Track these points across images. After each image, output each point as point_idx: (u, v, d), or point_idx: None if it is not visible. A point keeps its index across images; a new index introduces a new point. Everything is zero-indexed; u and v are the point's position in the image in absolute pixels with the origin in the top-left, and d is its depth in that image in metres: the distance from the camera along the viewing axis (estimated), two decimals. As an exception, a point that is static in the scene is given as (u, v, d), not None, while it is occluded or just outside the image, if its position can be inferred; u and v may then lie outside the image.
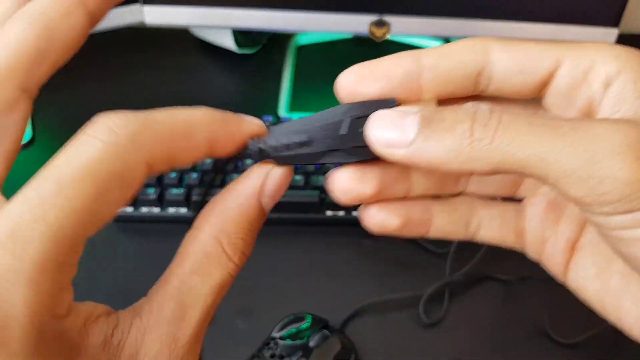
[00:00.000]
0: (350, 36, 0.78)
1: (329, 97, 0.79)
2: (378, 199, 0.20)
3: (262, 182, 0.19)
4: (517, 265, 0.52)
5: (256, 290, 0.49)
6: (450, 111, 0.17)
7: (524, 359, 0.46)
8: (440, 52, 0.19)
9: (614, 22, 0.62)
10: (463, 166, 0.17)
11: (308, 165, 0.55)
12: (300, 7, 0.60)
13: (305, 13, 0.61)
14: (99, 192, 0.15)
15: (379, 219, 0.21)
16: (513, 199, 0.22)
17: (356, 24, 0.61)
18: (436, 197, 0.22)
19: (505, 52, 0.19)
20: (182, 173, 0.54)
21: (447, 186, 0.22)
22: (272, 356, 0.41)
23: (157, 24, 0.62)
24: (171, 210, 0.53)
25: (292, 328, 0.44)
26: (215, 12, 0.61)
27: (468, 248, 0.52)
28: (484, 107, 0.17)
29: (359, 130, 0.18)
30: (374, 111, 0.18)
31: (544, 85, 0.19)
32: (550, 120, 0.16)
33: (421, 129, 0.17)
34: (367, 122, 0.18)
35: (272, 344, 0.42)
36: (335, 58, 0.76)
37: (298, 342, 0.42)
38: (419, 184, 0.21)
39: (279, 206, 0.57)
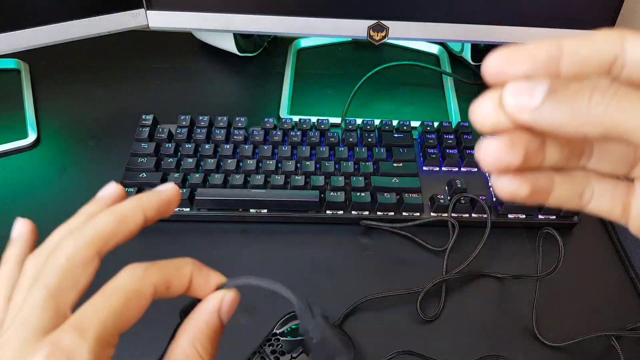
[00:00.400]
0: (349, 40, 0.79)
1: (328, 99, 0.80)
2: (518, 169, 0.22)
3: (219, 302, 0.26)
4: (512, 263, 0.53)
5: (257, 289, 0.50)
6: (575, 82, 0.19)
7: (518, 356, 0.47)
8: (580, 40, 0.21)
9: (609, 24, 0.62)
10: (579, 128, 0.19)
11: (308, 166, 0.56)
12: (301, 13, 0.61)
13: (305, 18, 0.62)
14: (126, 300, 0.23)
15: (512, 188, 0.22)
16: (627, 179, 0.24)
17: (355, 28, 0.62)
18: (558, 170, 0.24)
19: (638, 44, 0.20)
20: (185, 174, 0.55)
21: (572, 161, 0.24)
22: (273, 352, 0.42)
23: (160, 28, 0.63)
24: (175, 209, 0.54)
25: (292, 324, 0.44)
26: (217, 16, 0.62)
27: (465, 246, 0.53)
28: (605, 80, 0.19)
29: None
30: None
31: None
32: None
33: (548, 95, 0.19)
34: (505, 88, 0.20)
35: (273, 340, 0.43)
36: (335, 61, 0.77)
37: (298, 338, 0.43)
38: (550, 157, 0.23)
39: (280, 206, 0.57)
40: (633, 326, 0.48)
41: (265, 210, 0.54)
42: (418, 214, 0.54)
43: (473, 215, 0.55)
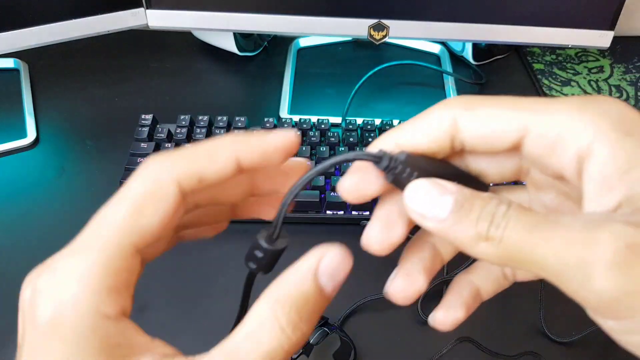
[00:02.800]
0: (350, 39, 0.79)
1: (329, 99, 0.80)
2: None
3: (317, 261, 0.20)
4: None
5: (257, 289, 0.50)
6: (479, 202, 0.18)
7: (520, 356, 0.47)
8: (412, 131, 0.21)
9: (610, 25, 0.62)
10: (479, 256, 0.19)
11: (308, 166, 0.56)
12: (301, 12, 0.61)
13: (305, 17, 0.61)
14: (134, 207, 0.19)
15: (448, 322, 0.26)
16: None
17: (356, 27, 0.62)
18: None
19: (472, 121, 0.20)
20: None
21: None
22: (273, 353, 0.42)
23: (160, 27, 0.63)
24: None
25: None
26: (217, 15, 0.62)
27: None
28: (502, 208, 0.18)
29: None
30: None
31: (516, 149, 0.20)
32: (549, 220, 0.17)
33: (452, 213, 0.18)
34: (405, 190, 0.20)
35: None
36: (336, 60, 0.76)
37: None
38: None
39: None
40: None
41: (265, 211, 0.54)
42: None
43: (474, 215, 0.54)
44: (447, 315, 0.24)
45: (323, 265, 0.20)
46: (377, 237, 0.22)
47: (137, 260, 0.19)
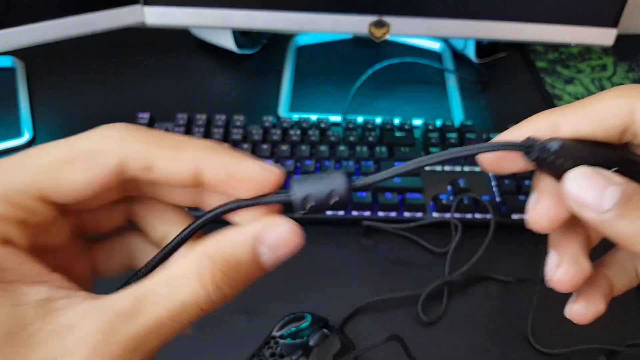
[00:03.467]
0: (350, 36, 0.78)
1: (329, 97, 0.79)
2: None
3: (260, 229, 0.19)
4: (516, 266, 0.52)
5: (257, 289, 0.49)
6: None
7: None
8: (579, 116, 0.19)
9: (613, 22, 0.62)
10: None
11: (308, 165, 0.56)
12: (300, 8, 0.61)
13: (305, 14, 0.61)
14: (61, 159, 0.18)
15: (589, 313, 0.23)
16: None
17: (356, 24, 0.62)
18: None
19: None
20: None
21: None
22: (273, 355, 0.41)
23: (157, 24, 0.63)
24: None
25: (292, 327, 0.44)
26: (215, 12, 0.61)
27: (467, 248, 0.52)
28: None
29: None
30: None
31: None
32: None
33: (619, 204, 0.18)
34: (566, 177, 0.19)
35: (272, 343, 0.42)
36: (336, 58, 0.76)
37: (298, 341, 0.42)
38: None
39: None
40: (633, 342, 0.46)
41: (264, 211, 0.53)
42: (420, 214, 0.53)
43: (476, 215, 0.54)
44: (588, 308, 0.23)
45: (267, 234, 0.19)
46: (544, 213, 0.21)
47: (42, 206, 0.18)
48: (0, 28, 0.56)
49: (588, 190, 0.18)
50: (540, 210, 0.20)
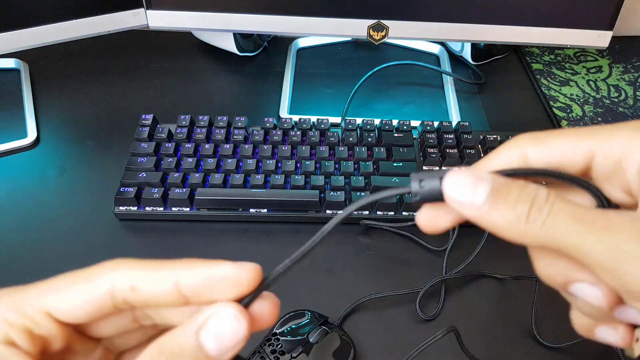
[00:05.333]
0: (349, 39, 0.79)
1: (328, 99, 0.80)
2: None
3: (206, 319, 0.19)
4: (512, 264, 0.53)
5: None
6: (515, 187, 0.20)
7: (517, 357, 0.47)
8: (482, 167, 0.22)
9: (608, 25, 0.63)
10: (516, 238, 0.20)
11: (308, 165, 0.56)
12: (301, 12, 0.61)
13: (305, 18, 0.62)
14: (64, 284, 0.21)
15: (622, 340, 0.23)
16: None
17: (355, 27, 0.62)
18: None
19: (541, 153, 0.22)
20: (185, 173, 0.55)
21: None
22: (273, 352, 0.42)
23: (160, 27, 0.63)
24: (174, 209, 0.54)
25: (292, 324, 0.44)
26: (217, 16, 0.62)
27: (465, 246, 0.53)
28: (543, 193, 0.19)
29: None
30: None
31: (585, 173, 0.22)
32: (592, 213, 0.19)
33: (489, 198, 0.20)
34: (445, 178, 0.21)
35: (273, 340, 0.43)
36: (335, 60, 0.77)
37: (298, 338, 0.43)
38: None
39: (280, 205, 0.57)
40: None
41: (265, 210, 0.54)
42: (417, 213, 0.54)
43: (473, 215, 0.55)
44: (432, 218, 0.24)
45: (209, 325, 0.19)
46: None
47: (48, 321, 0.20)
48: (6, 30, 0.57)
49: (462, 190, 0.20)
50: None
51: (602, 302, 0.20)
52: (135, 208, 0.54)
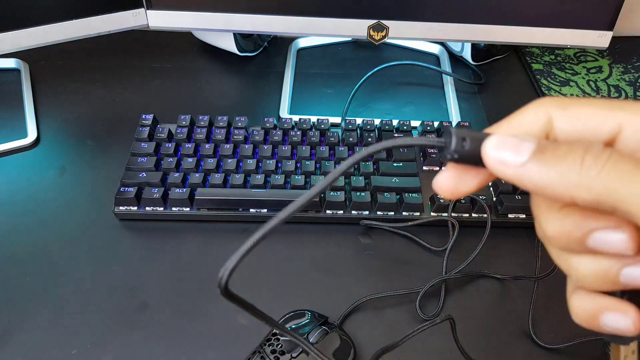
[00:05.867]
0: (349, 39, 0.79)
1: (328, 99, 0.80)
2: None
3: None
4: (512, 264, 0.53)
5: (257, 287, 0.50)
6: (564, 147, 0.19)
7: (514, 357, 0.47)
8: (509, 128, 0.21)
9: (609, 25, 0.63)
10: (567, 192, 0.18)
11: (308, 165, 0.56)
12: (301, 12, 0.61)
13: (305, 18, 0.62)
14: None
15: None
16: None
17: (355, 28, 0.62)
18: None
19: (567, 120, 0.20)
20: (185, 173, 0.55)
21: None
22: (274, 352, 0.42)
23: (160, 27, 0.63)
24: (175, 209, 0.54)
25: (292, 324, 0.44)
26: (217, 16, 0.62)
27: (465, 246, 0.53)
28: (597, 143, 0.18)
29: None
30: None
31: (608, 144, 0.20)
32: None
33: (535, 153, 0.19)
34: (487, 141, 0.20)
35: (273, 340, 0.43)
36: (335, 60, 0.77)
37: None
38: None
39: (280, 205, 0.57)
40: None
41: (265, 210, 0.54)
42: (418, 213, 0.54)
43: (473, 214, 0.55)
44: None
45: None
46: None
47: None
48: (6, 30, 0.57)
49: (505, 148, 0.19)
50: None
51: (629, 244, 0.19)
52: (136, 208, 0.54)
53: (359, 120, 0.62)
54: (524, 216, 0.55)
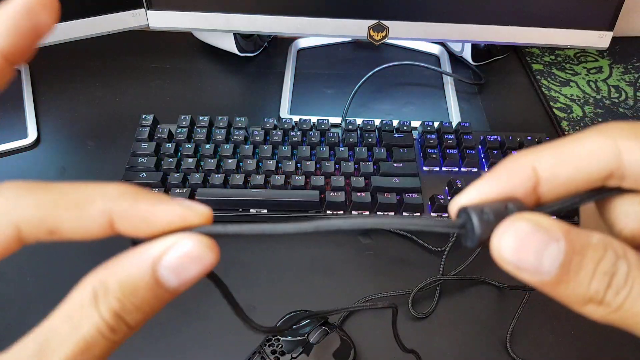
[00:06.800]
0: (349, 40, 0.79)
1: (328, 99, 0.80)
2: None
3: (164, 250, 0.17)
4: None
5: (258, 287, 0.50)
6: (592, 255, 0.16)
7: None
8: (557, 159, 0.17)
9: (609, 25, 0.63)
10: (585, 312, 0.16)
11: (308, 166, 0.56)
12: (301, 13, 0.61)
13: (305, 18, 0.62)
14: None
15: None
16: None
17: (355, 28, 0.62)
18: None
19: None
20: (185, 174, 0.55)
21: None
22: (274, 352, 0.42)
23: (161, 27, 0.63)
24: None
25: (292, 324, 0.44)
26: (217, 16, 0.62)
27: (463, 249, 0.53)
28: (623, 268, 0.16)
29: None
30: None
31: None
32: None
33: (559, 271, 0.16)
34: (496, 233, 0.16)
35: (273, 340, 0.43)
36: (335, 61, 0.77)
37: (298, 338, 0.43)
38: None
39: (280, 206, 0.57)
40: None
41: (265, 210, 0.54)
42: (418, 214, 0.54)
43: (473, 215, 0.55)
44: None
45: (169, 256, 0.16)
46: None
47: None
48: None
49: (524, 249, 0.16)
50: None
51: None
52: (136, 208, 0.53)
53: (359, 121, 0.62)
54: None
